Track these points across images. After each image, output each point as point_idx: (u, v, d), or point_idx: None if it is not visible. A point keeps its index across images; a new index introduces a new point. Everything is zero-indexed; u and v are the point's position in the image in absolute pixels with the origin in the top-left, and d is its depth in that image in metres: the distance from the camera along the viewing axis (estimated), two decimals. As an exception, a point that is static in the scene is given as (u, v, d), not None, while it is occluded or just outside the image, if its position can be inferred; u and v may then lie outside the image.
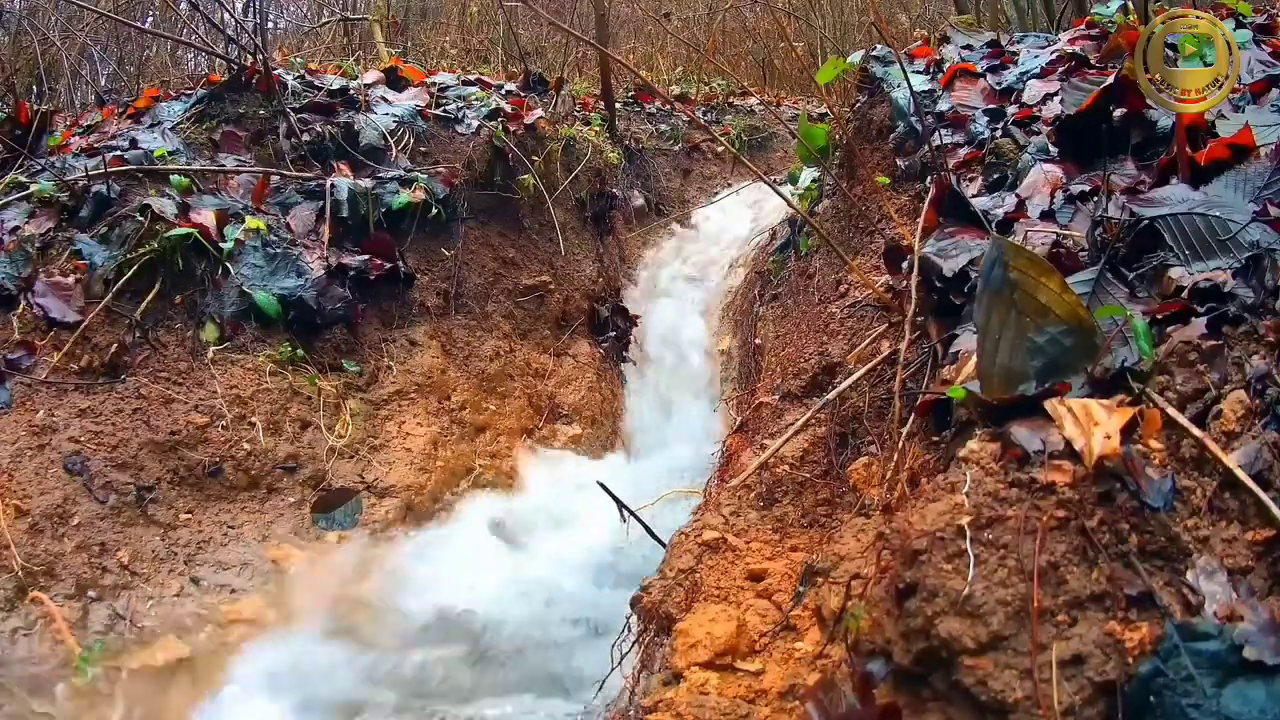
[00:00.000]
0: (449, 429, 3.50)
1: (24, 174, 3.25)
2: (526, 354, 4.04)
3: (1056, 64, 2.67)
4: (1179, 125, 1.69)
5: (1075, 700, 1.03)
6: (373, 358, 3.45)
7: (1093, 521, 1.14)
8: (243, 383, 3.02)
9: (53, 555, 2.43)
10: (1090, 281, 1.52)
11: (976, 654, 1.08)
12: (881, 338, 2.29)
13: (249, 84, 3.79)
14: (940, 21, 6.19)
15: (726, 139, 5.87)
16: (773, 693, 1.51)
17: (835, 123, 3.14)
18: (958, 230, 1.97)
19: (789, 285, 3.54)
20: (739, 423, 2.87)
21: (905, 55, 3.22)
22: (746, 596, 1.79)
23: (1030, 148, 2.26)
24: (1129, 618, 1.08)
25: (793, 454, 2.17)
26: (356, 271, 3.39)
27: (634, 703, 1.75)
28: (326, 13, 7.96)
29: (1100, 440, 1.18)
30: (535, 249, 4.30)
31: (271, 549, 2.80)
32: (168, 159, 3.39)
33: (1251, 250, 1.41)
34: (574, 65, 7.22)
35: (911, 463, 1.77)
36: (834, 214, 3.35)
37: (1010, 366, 1.35)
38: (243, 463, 2.91)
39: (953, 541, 1.16)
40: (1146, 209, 1.60)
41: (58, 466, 2.57)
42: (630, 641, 1.96)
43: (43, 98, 5.45)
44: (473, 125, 4.13)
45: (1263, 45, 2.27)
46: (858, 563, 1.62)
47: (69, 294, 2.87)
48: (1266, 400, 1.18)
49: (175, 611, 2.53)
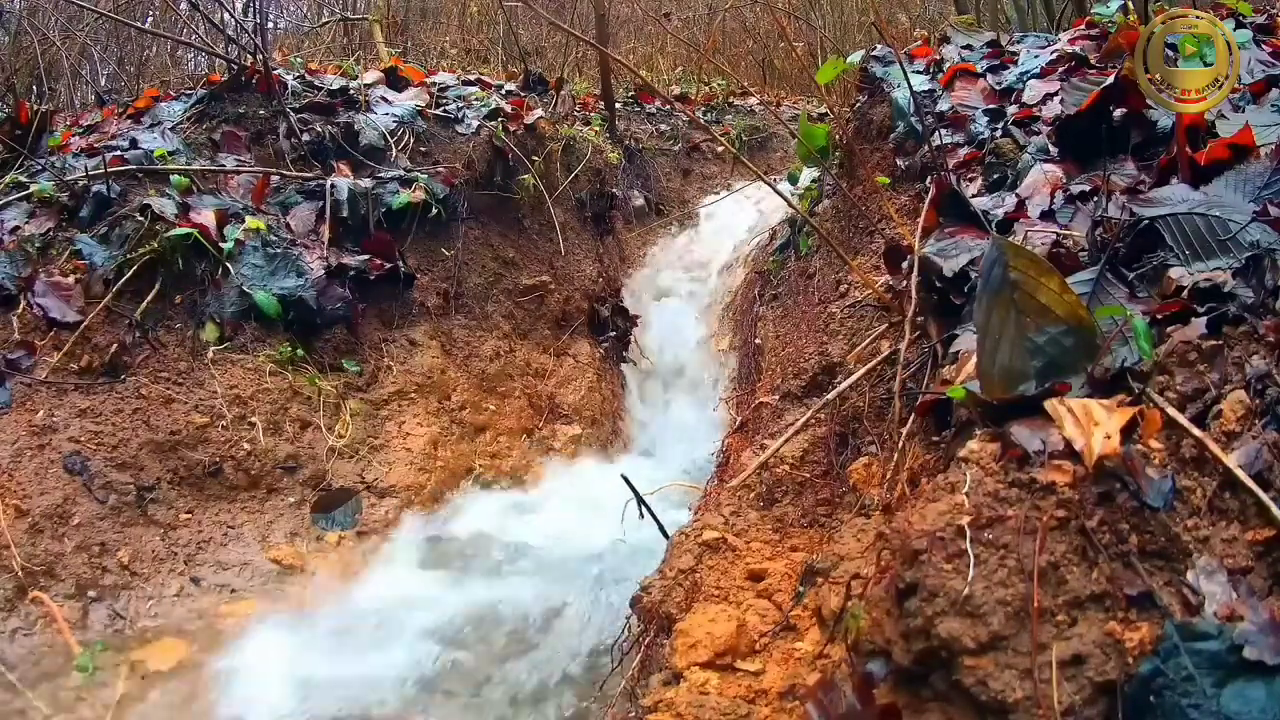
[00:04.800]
0: (449, 429, 3.50)
1: (24, 174, 3.26)
2: (526, 354, 4.04)
3: (1056, 64, 2.67)
4: (1179, 125, 1.69)
5: (1075, 700, 1.03)
6: (373, 358, 3.45)
7: (1093, 521, 1.14)
8: (243, 383, 3.02)
9: (53, 555, 2.43)
10: (1090, 281, 1.52)
11: (976, 654, 1.08)
12: (881, 338, 2.29)
13: (249, 84, 3.79)
14: (940, 21, 6.19)
15: (726, 139, 5.86)
16: (773, 693, 1.51)
17: (835, 123, 3.14)
18: (958, 230, 1.97)
19: (789, 285, 3.54)
20: (739, 423, 2.87)
21: (905, 55, 3.22)
22: (746, 596, 1.79)
23: (1030, 148, 2.26)
24: (1129, 618, 1.08)
25: (793, 454, 2.17)
26: (356, 271, 3.39)
27: (634, 703, 1.75)
28: (326, 13, 7.95)
29: (1100, 440, 1.18)
30: (535, 249, 4.30)
31: (271, 549, 2.80)
32: (168, 159, 3.39)
33: (1251, 250, 1.41)
34: (574, 65, 7.22)
35: (911, 463, 1.77)
36: (834, 214, 3.34)
37: (1010, 366, 1.34)
38: (243, 463, 2.91)
39: (953, 541, 1.16)
40: (1146, 209, 1.60)
41: (58, 466, 2.57)
42: (630, 641, 1.96)
43: (43, 98, 5.44)
44: (473, 125, 4.13)
45: (1263, 45, 2.27)
46: (858, 563, 1.62)
47: (69, 294, 2.87)
48: (1266, 400, 1.18)
49: (175, 611, 2.53)
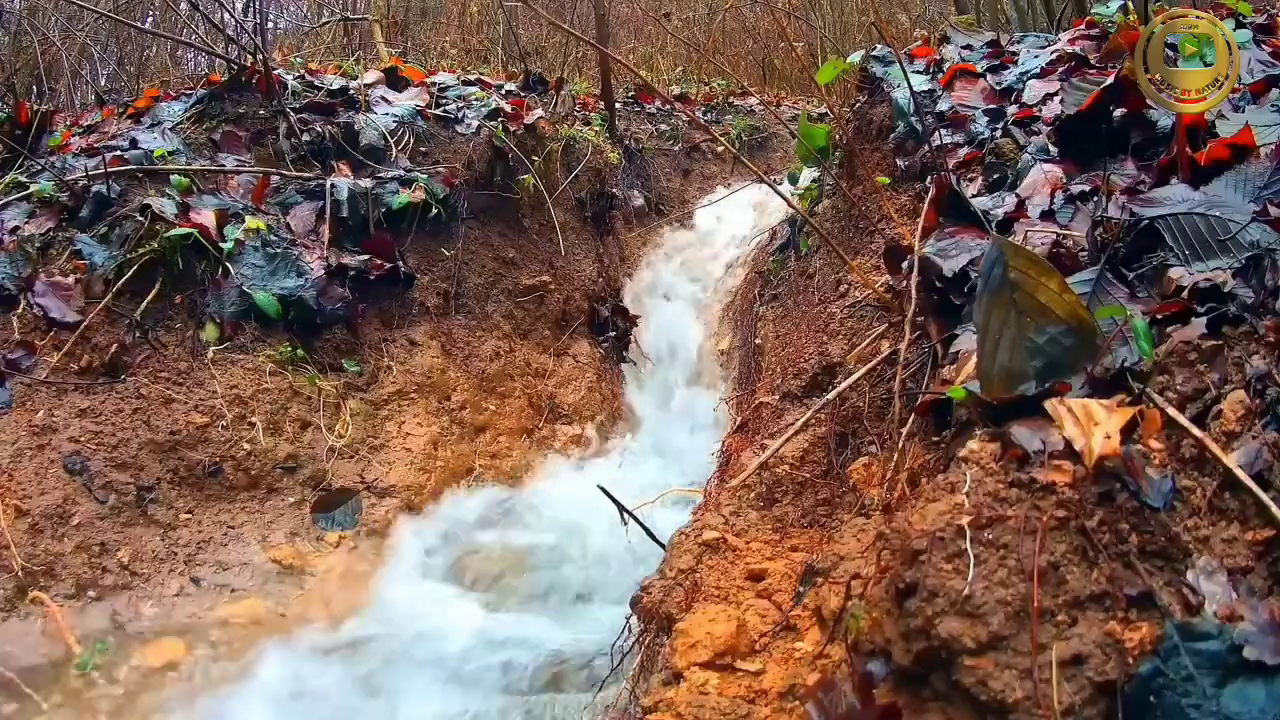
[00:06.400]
0: (449, 429, 3.50)
1: (24, 174, 3.26)
2: (526, 354, 4.04)
3: (1056, 64, 2.66)
4: (1179, 125, 1.69)
5: (1075, 700, 1.03)
6: (373, 358, 3.45)
7: (1093, 521, 1.14)
8: (243, 383, 3.02)
9: (53, 555, 2.43)
10: (1090, 281, 1.52)
11: (976, 654, 1.08)
12: (881, 338, 2.28)
13: (249, 84, 3.79)
14: (940, 21, 6.19)
15: (726, 139, 5.87)
16: (773, 693, 1.51)
17: (835, 123, 3.14)
18: (958, 230, 1.97)
19: (789, 285, 3.54)
20: (739, 423, 2.86)
21: (905, 55, 3.22)
22: (746, 596, 1.79)
23: (1030, 148, 2.26)
24: (1129, 618, 1.08)
25: (793, 454, 2.17)
26: (356, 271, 3.39)
27: (634, 703, 1.75)
28: (326, 13, 7.95)
29: (1100, 440, 1.18)
30: (535, 249, 4.30)
31: (272, 549, 2.80)
32: (168, 159, 3.39)
33: (1251, 250, 1.41)
34: (574, 65, 7.22)
35: (911, 463, 1.77)
36: (834, 214, 3.34)
37: (1010, 366, 1.34)
38: (243, 463, 2.91)
39: (953, 541, 1.16)
40: (1146, 209, 1.60)
41: (58, 466, 2.57)
42: (630, 641, 1.96)
43: (43, 98, 5.44)
44: (473, 125, 4.12)
45: (1263, 45, 2.27)
46: (858, 563, 1.62)
47: (69, 294, 2.87)
48: (1266, 400, 1.18)
49: (175, 611, 2.53)
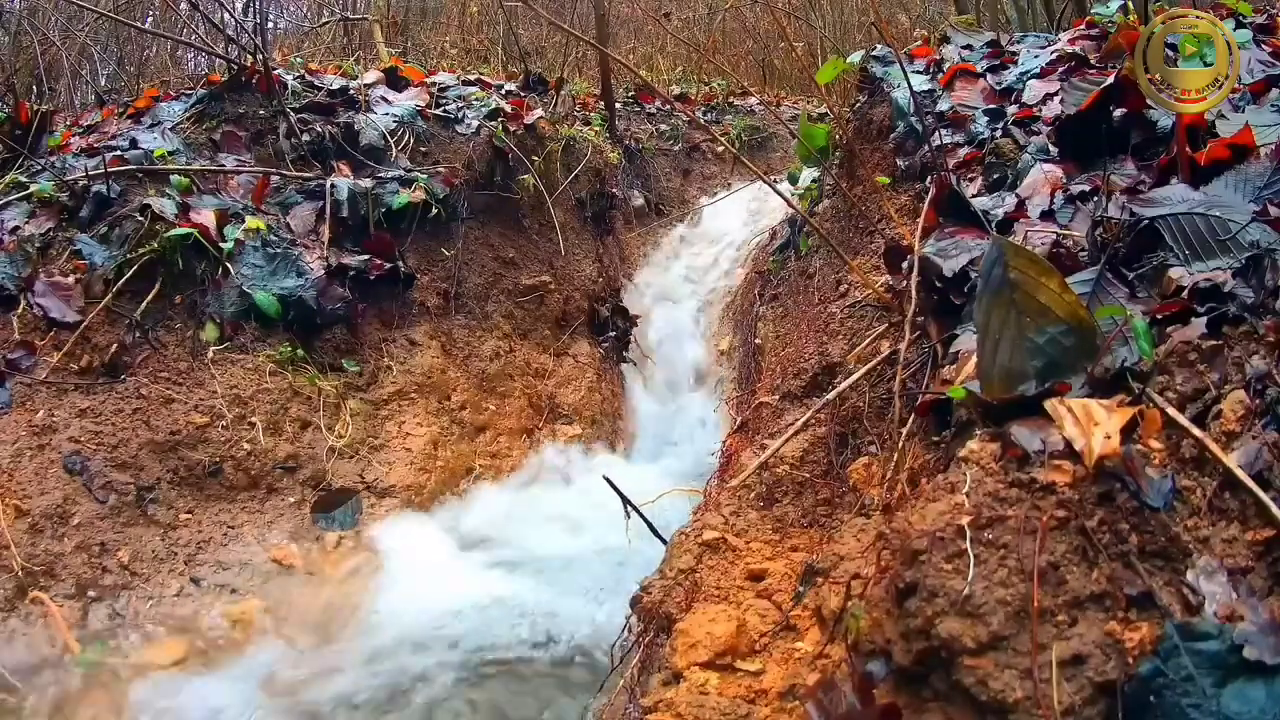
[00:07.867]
0: (449, 429, 3.50)
1: (24, 174, 3.26)
2: (526, 354, 4.04)
3: (1056, 64, 2.66)
4: (1179, 125, 1.69)
5: (1075, 700, 1.03)
6: (373, 358, 3.45)
7: (1093, 521, 1.14)
8: (243, 383, 3.02)
9: (53, 555, 2.43)
10: (1090, 281, 1.52)
11: (976, 654, 1.08)
12: (881, 338, 2.28)
13: (249, 84, 3.79)
14: (940, 21, 6.19)
15: (726, 139, 5.87)
16: (773, 693, 1.51)
17: (835, 123, 3.14)
18: (958, 230, 1.97)
19: (789, 285, 3.54)
20: (739, 423, 2.86)
21: (905, 55, 3.22)
22: (746, 596, 1.78)
23: (1030, 148, 2.26)
24: (1129, 618, 1.08)
25: (793, 454, 2.17)
26: (356, 271, 3.39)
27: (634, 703, 1.75)
28: (326, 13, 7.95)
29: (1100, 440, 1.18)
30: (535, 249, 4.30)
31: (272, 549, 2.80)
32: (168, 159, 3.39)
33: (1251, 250, 1.41)
34: (574, 65, 7.22)
35: (911, 463, 1.76)
36: (834, 214, 3.34)
37: (1010, 366, 1.34)
38: (243, 463, 2.91)
39: (953, 541, 1.16)
40: (1146, 209, 1.60)
41: (58, 466, 2.58)
42: (630, 641, 1.96)
43: (43, 98, 5.44)
44: (473, 125, 4.12)
45: (1263, 45, 2.26)
46: (858, 563, 1.61)
47: (69, 294, 2.87)
48: (1266, 400, 1.18)
49: (175, 611, 2.53)
